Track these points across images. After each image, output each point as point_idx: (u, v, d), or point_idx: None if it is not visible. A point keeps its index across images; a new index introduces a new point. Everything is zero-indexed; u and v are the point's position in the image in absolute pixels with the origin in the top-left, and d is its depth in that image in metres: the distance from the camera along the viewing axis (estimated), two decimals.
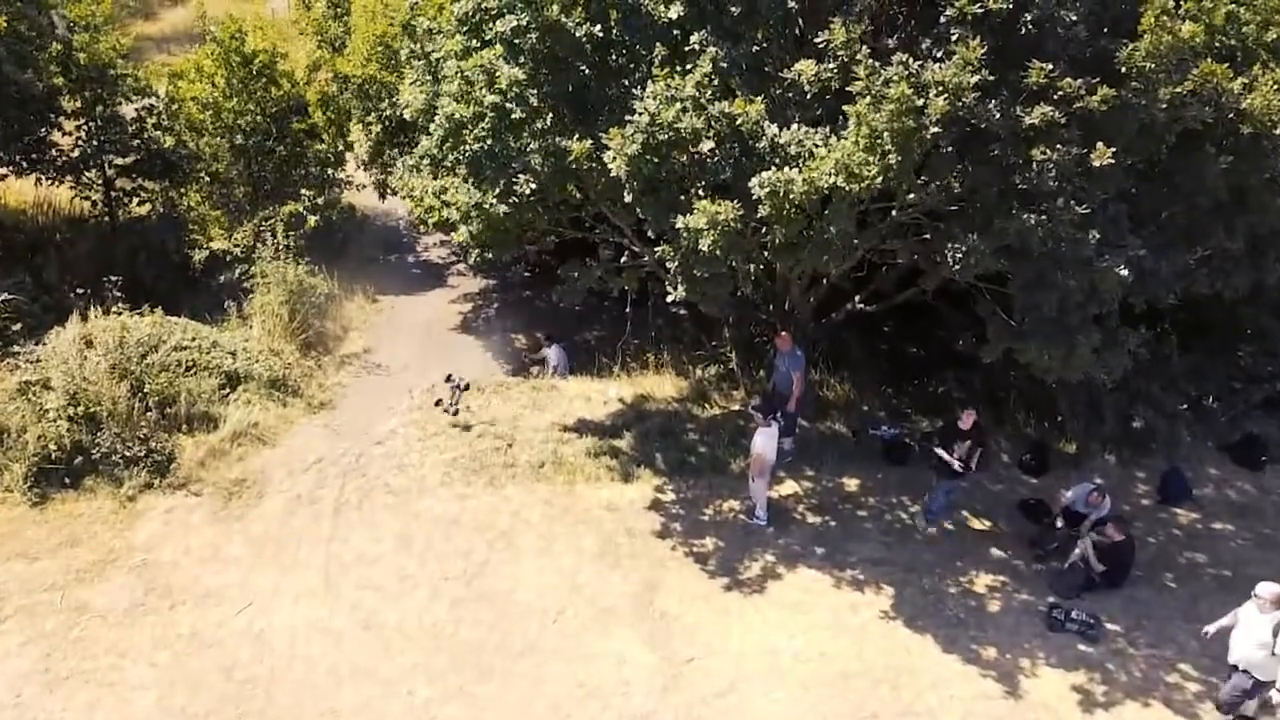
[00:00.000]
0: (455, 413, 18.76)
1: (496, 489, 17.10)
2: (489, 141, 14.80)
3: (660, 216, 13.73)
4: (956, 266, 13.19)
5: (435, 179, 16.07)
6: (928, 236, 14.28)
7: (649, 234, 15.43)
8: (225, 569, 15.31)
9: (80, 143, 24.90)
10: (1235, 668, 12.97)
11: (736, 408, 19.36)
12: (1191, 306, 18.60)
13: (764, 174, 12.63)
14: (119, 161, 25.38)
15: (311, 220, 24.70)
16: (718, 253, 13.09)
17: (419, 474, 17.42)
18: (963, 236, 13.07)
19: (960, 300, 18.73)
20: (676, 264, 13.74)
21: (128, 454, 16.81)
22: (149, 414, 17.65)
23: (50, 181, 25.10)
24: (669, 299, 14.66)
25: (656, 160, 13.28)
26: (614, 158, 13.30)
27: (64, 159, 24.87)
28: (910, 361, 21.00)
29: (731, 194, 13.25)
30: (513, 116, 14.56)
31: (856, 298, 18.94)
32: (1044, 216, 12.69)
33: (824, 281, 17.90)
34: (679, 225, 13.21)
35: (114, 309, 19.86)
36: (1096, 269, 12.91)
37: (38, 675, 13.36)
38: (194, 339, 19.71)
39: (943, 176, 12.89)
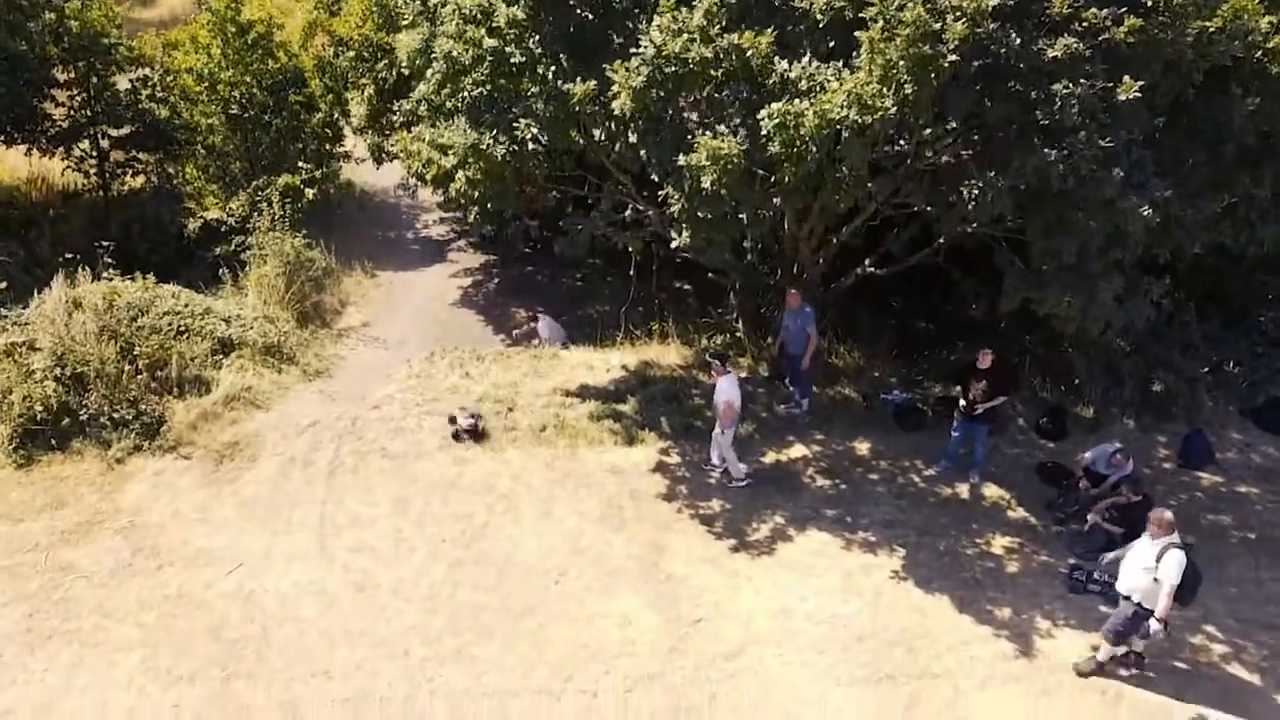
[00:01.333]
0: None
1: (496, 453, 16.55)
2: (488, 87, 14.24)
3: (664, 157, 13.16)
4: (972, 207, 12.59)
5: (432, 129, 15.45)
6: (942, 187, 13.64)
7: (654, 188, 14.88)
8: (215, 531, 14.76)
9: (73, 113, 24.38)
10: (1126, 597, 12.31)
11: (744, 375, 18.77)
12: (1210, 272, 18.09)
13: (773, 105, 12.05)
14: (113, 133, 24.87)
15: (309, 194, 24.14)
16: (721, 191, 12.51)
17: (416, 438, 16.86)
18: (980, 175, 12.46)
19: (973, 263, 18.21)
20: (680, 206, 13.15)
21: (115, 416, 16.27)
22: (139, 377, 17.12)
23: (42, 153, 24.59)
24: (673, 245, 14.07)
25: (663, 95, 12.70)
26: (619, 91, 12.72)
27: (56, 130, 24.31)
28: (919, 333, 20.36)
29: (740, 133, 12.66)
30: (512, 61, 13.99)
31: (866, 261, 18.34)
32: (1065, 152, 12.08)
33: (834, 241, 17.32)
34: (682, 163, 12.63)
35: (104, 275, 19.32)
36: (1120, 209, 12.32)
37: (20, 635, 12.82)
38: (187, 304, 19.16)
39: (960, 110, 12.29)
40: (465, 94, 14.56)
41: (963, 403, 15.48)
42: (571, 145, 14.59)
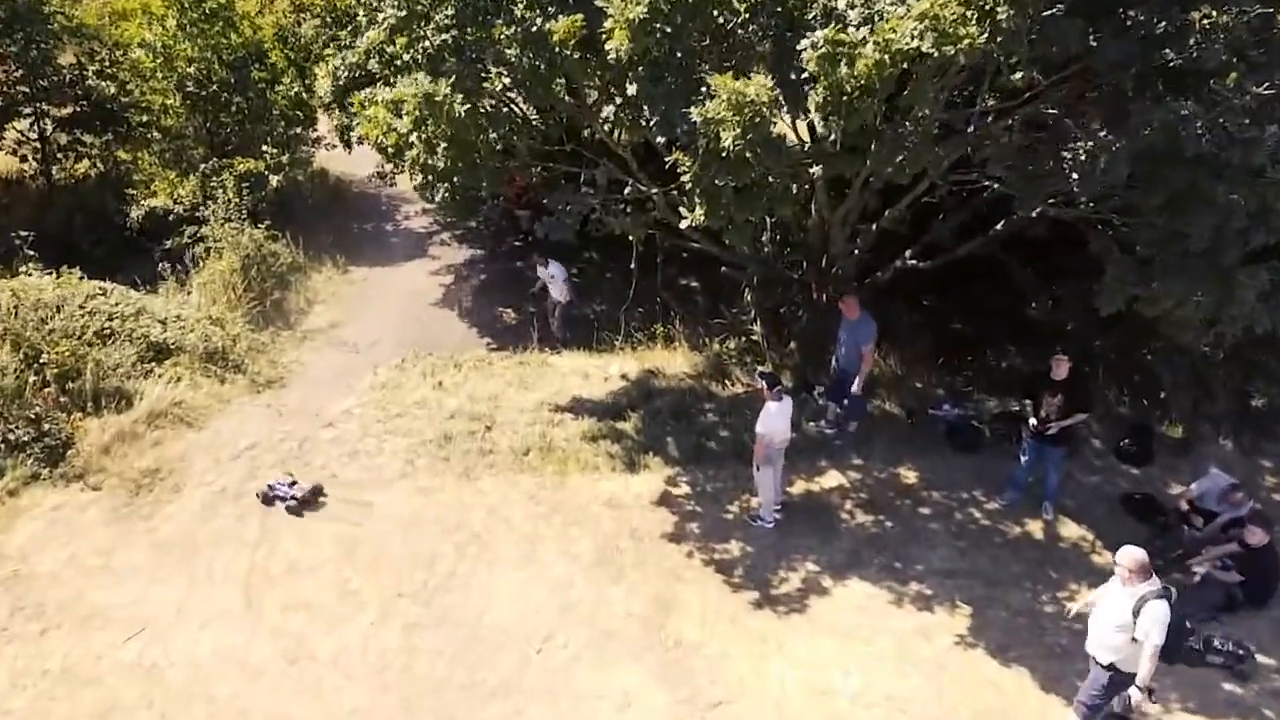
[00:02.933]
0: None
1: (470, 481, 13.47)
2: (453, 32, 11.14)
3: (672, 111, 10.06)
4: (1076, 178, 9.45)
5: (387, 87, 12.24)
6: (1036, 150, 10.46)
7: (659, 162, 11.81)
8: (118, 582, 11.72)
9: (8, 91, 21.31)
10: (1093, 660, 9.50)
11: (755, 373, 15.69)
12: None
13: (818, 33, 8.92)
14: (55, 113, 21.78)
15: (273, 181, 21.11)
16: (746, 153, 9.39)
17: (375, 462, 13.78)
18: (1087, 134, 9.32)
19: (1033, 253, 15.11)
20: (693, 175, 10.02)
21: (11, 438, 13.25)
22: (45, 390, 14.04)
23: None
24: (683, 225, 10.91)
25: (669, 31, 9.59)
26: (613, 27, 9.63)
27: None
28: (961, 335, 17.17)
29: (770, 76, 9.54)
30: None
31: (907, 252, 15.22)
32: (1202, 105, 8.94)
33: (873, 227, 14.19)
34: (695, 117, 9.50)
35: (24, 269, 16.24)
36: (1272, 181, 9.17)
37: None
38: (117, 304, 16.05)
39: (1064, 46, 9.14)
40: (427, 43, 11.44)
41: (1033, 421, 12.40)
42: (555, 102, 11.41)
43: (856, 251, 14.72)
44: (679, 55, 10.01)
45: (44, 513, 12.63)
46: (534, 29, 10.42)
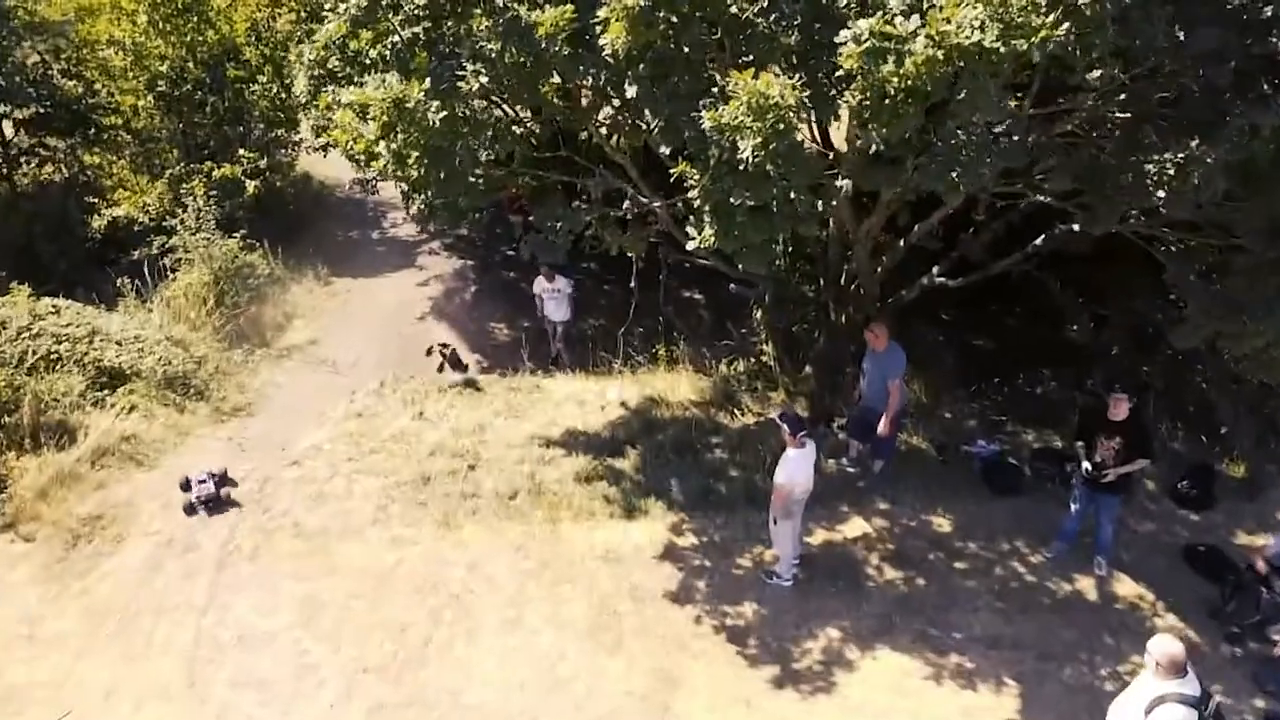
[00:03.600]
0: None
1: (450, 530, 11.87)
2: (424, 25, 9.55)
3: (678, 115, 8.44)
4: (1161, 194, 7.86)
5: (351, 87, 10.60)
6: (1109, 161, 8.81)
7: (662, 170, 10.22)
8: (43, 655, 10.17)
9: None
10: None
11: (775, 414, 14.07)
12: None
13: (860, 24, 7.30)
14: (16, 115, 20.13)
15: (250, 186, 19.52)
16: (768, 166, 7.78)
17: (343, 507, 12.17)
18: (1176, 143, 7.71)
19: (1073, 270, 13.53)
20: (702, 190, 8.39)
21: None
22: None
23: None
24: (690, 246, 9.28)
25: (675, 21, 7.97)
26: (609, 16, 8.02)
27: None
28: (990, 356, 15.53)
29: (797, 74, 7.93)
30: None
31: (934, 268, 13.61)
32: None
33: (900, 243, 12.59)
34: (707, 123, 7.87)
35: None
36: None
37: None
38: (68, 324, 14.46)
39: (1149, 40, 7.53)
40: (395, 37, 9.84)
41: (1086, 465, 10.77)
42: (543, 103, 9.77)
43: (880, 269, 13.06)
44: (685, 50, 8.38)
45: None
46: (517, 19, 8.77)
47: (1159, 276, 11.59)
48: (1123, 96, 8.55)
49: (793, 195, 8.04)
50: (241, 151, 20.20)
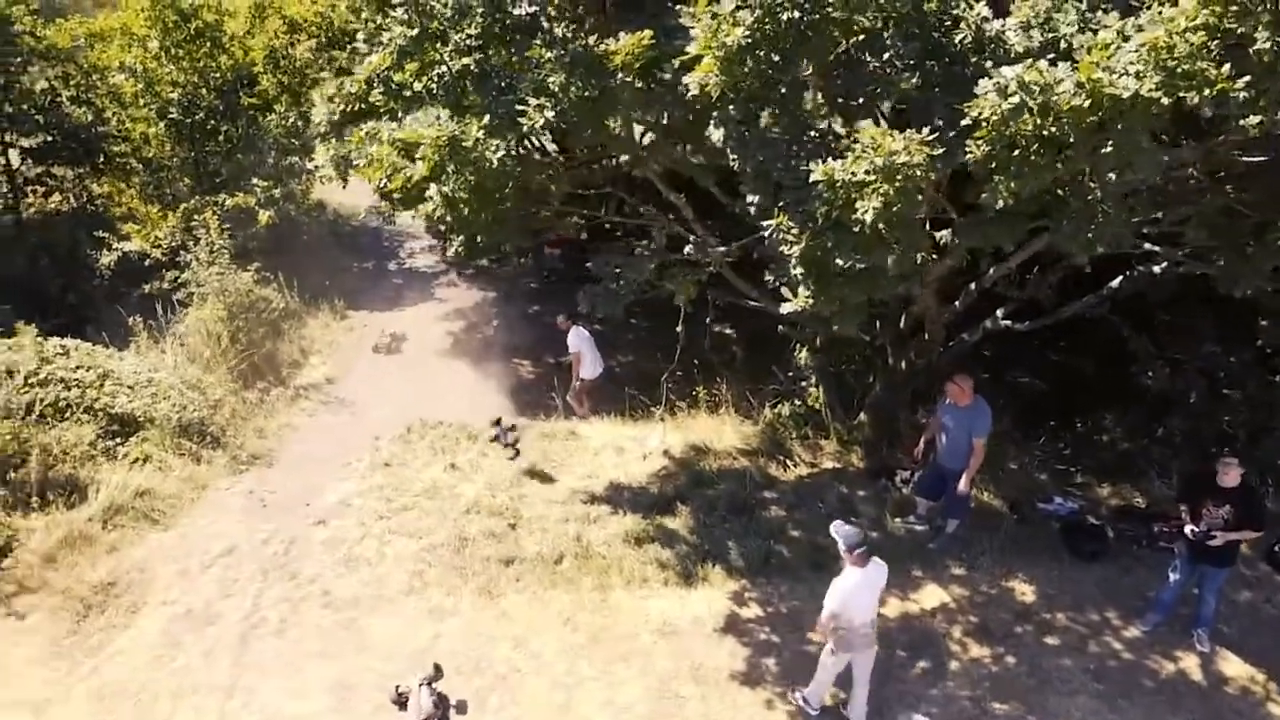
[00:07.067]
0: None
1: (491, 599, 10.74)
2: (475, 56, 8.49)
3: (773, 165, 7.37)
4: None
5: (394, 122, 9.54)
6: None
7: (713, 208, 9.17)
8: None
9: None
10: None
11: (831, 465, 13.03)
12: None
13: (1006, 71, 6.23)
14: (24, 143, 19.09)
15: (264, 217, 18.48)
16: (881, 227, 6.70)
17: (376, 573, 11.04)
18: None
19: (1145, 315, 12.52)
20: (804, 249, 7.31)
21: None
22: None
23: None
24: (786, 308, 8.20)
25: (777, 59, 6.91)
26: (703, 51, 6.97)
27: None
28: (1054, 403, 14.43)
29: (916, 120, 6.87)
30: (514, 13, 8.24)
31: (999, 311, 12.57)
32: None
33: (972, 287, 11.54)
34: (818, 176, 6.79)
35: None
36: None
37: None
38: (77, 368, 13.33)
39: None
40: (445, 68, 8.79)
41: (1190, 529, 9.68)
42: (607, 141, 8.70)
43: (947, 314, 12.01)
44: (782, 91, 7.31)
45: None
46: (586, 49, 7.71)
47: (1238, 320, 10.62)
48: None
49: (904, 257, 6.96)
50: (255, 180, 19.16)
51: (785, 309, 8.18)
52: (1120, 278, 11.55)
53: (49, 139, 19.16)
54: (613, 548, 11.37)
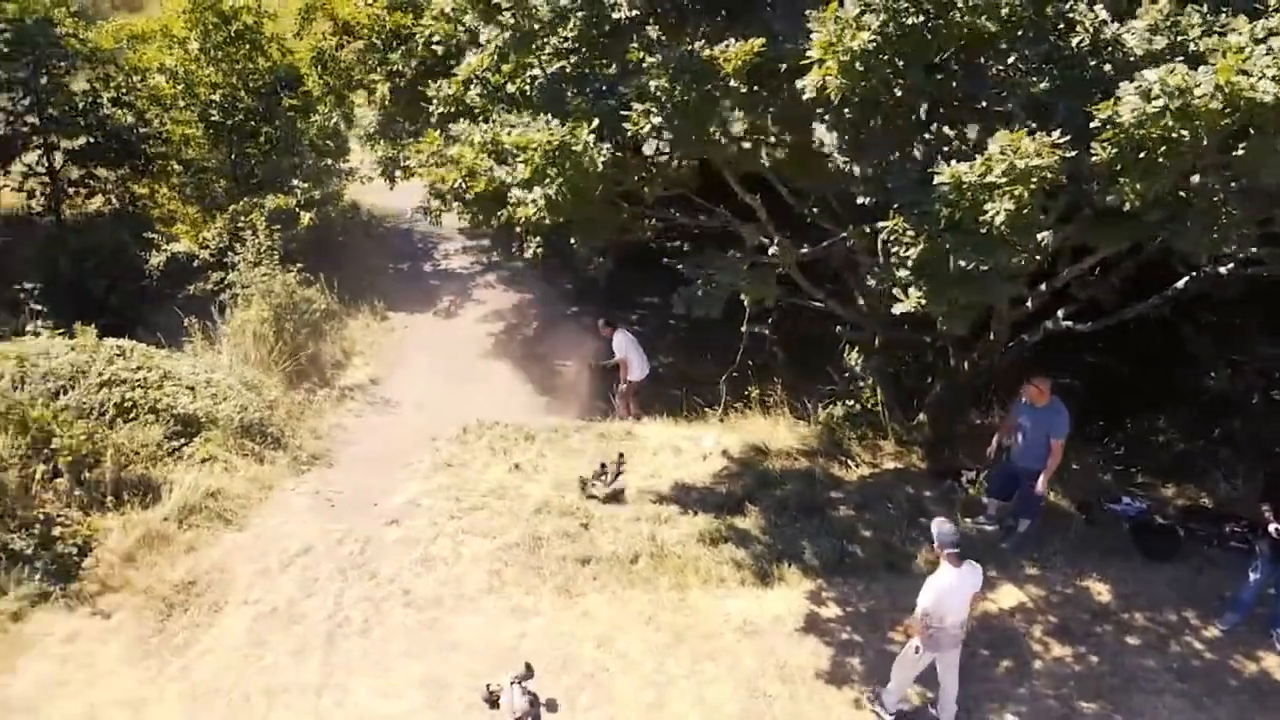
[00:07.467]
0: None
1: (571, 598, 10.77)
2: (572, 59, 8.54)
3: (882, 164, 7.42)
4: None
5: (485, 125, 9.55)
6: None
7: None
8: None
9: (15, 120, 18.68)
10: None
11: (892, 465, 13.09)
12: None
13: (1148, 74, 6.29)
14: (66, 144, 19.14)
15: (305, 218, 18.60)
16: (1006, 230, 6.76)
17: (453, 573, 11.07)
18: None
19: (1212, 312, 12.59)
20: (922, 252, 7.37)
21: (15, 548, 10.45)
22: (56, 481, 11.32)
23: None
24: (898, 309, 8.25)
25: (900, 63, 6.97)
26: (822, 55, 7.02)
27: None
28: (1111, 404, 14.47)
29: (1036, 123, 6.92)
30: (613, 16, 8.30)
31: (1060, 312, 12.63)
32: None
33: (1042, 288, 11.61)
34: (944, 179, 6.85)
35: (31, 328, 13.56)
36: None
37: None
38: (138, 369, 13.33)
39: None
40: (540, 70, 8.83)
41: (1275, 527, 9.74)
42: (708, 146, 8.73)
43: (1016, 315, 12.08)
44: (898, 95, 7.37)
45: (55, 645, 9.87)
46: (692, 54, 7.76)
47: None
48: None
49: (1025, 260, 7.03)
50: (295, 181, 19.21)
51: (897, 309, 8.23)
52: (1187, 278, 11.58)
53: (91, 140, 19.18)
54: (687, 548, 11.41)
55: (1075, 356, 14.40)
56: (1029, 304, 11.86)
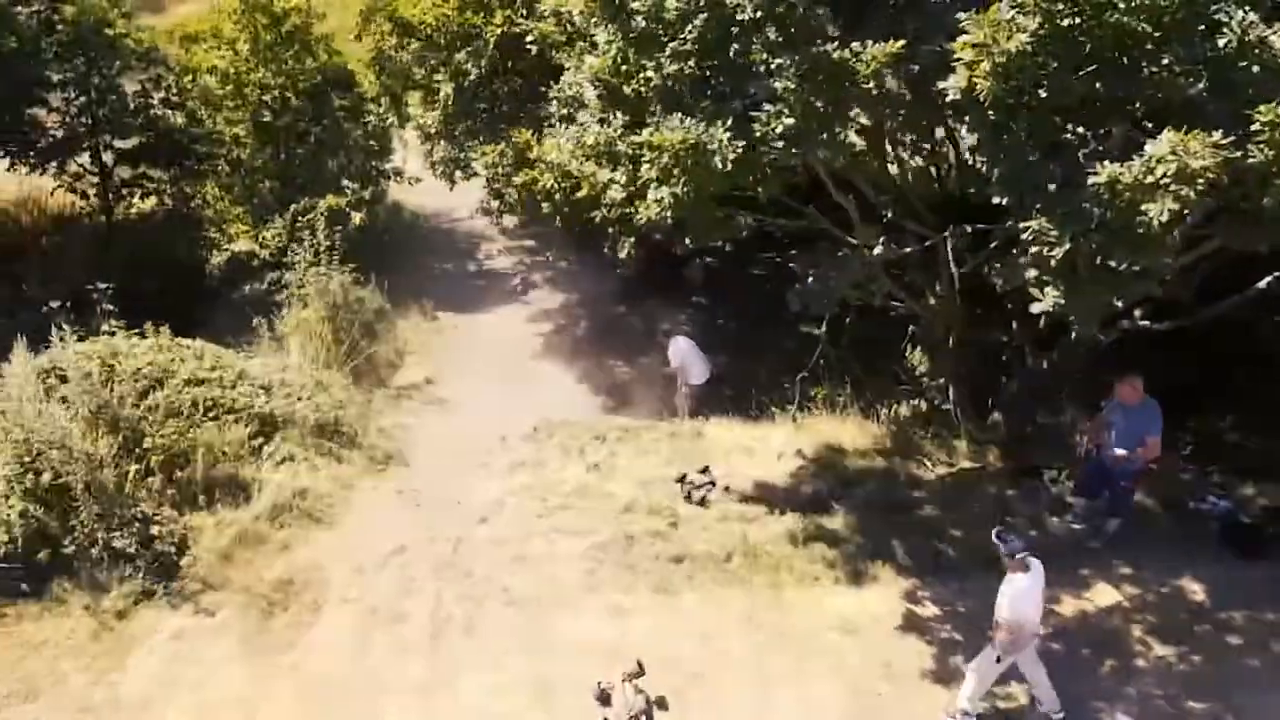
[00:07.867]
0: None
1: (669, 596, 10.81)
2: (693, 61, 8.57)
3: (1021, 165, 7.46)
4: None
5: (599, 127, 9.55)
6: None
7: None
8: None
9: (69, 120, 18.67)
10: None
11: (969, 465, 13.11)
12: None
13: None
14: (118, 145, 19.13)
15: (356, 218, 18.52)
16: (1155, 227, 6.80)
17: (549, 571, 11.10)
18: None
19: None
20: (1067, 252, 7.40)
21: (115, 546, 10.46)
22: (149, 481, 11.35)
23: (33, 169, 18.90)
24: (1036, 309, 8.28)
25: (1054, 65, 6.99)
26: (974, 57, 7.04)
27: (49, 140, 18.66)
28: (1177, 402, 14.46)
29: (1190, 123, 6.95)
30: (737, 16, 8.33)
31: (1137, 311, 12.63)
32: None
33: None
34: (1101, 179, 6.88)
35: (104, 327, 13.55)
36: None
37: None
38: (214, 368, 13.31)
39: None
40: (650, 74, 8.85)
41: None
42: (838, 149, 8.72)
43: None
44: (1044, 96, 7.39)
45: (161, 642, 9.92)
46: (825, 55, 7.79)
47: None
48: None
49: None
50: (345, 182, 19.21)
51: (1035, 309, 8.26)
52: (1269, 277, 11.59)
53: (143, 140, 19.16)
54: (778, 547, 11.43)
55: (1147, 356, 14.40)
56: (1119, 303, 11.84)
